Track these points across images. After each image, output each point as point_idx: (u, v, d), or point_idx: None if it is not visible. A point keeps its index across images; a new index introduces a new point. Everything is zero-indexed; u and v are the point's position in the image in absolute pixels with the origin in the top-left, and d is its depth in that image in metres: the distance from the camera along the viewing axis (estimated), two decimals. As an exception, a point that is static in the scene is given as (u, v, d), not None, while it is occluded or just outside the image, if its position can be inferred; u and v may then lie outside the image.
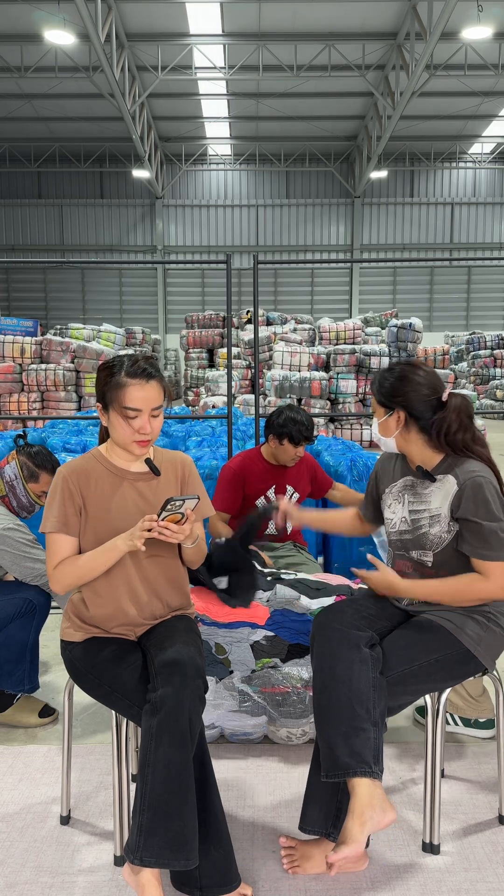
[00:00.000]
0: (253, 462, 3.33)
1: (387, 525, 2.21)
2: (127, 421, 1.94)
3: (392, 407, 2.09)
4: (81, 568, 1.94)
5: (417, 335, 11.82)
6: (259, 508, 2.96)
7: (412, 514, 2.10)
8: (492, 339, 17.62)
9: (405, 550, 2.13)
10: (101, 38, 12.62)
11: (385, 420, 2.11)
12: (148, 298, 24.00)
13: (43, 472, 2.79)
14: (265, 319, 16.12)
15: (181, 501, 1.83)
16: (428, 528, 2.06)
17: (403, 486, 2.16)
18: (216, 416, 5.16)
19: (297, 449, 3.20)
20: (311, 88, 17.42)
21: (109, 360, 2.00)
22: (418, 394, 2.05)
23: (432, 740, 2.00)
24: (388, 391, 2.09)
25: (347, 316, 22.05)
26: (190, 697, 1.80)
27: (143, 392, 1.93)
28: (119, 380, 1.93)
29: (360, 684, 1.85)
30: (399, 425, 2.09)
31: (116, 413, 1.94)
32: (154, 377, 1.95)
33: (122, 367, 1.94)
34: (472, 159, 23.58)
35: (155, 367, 1.98)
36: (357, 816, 1.75)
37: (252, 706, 2.49)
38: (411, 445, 2.11)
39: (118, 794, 1.96)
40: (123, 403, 1.93)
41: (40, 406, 11.82)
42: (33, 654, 2.68)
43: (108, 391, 1.95)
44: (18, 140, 21.74)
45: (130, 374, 1.93)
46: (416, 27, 13.66)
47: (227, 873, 1.83)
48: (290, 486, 3.33)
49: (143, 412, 1.94)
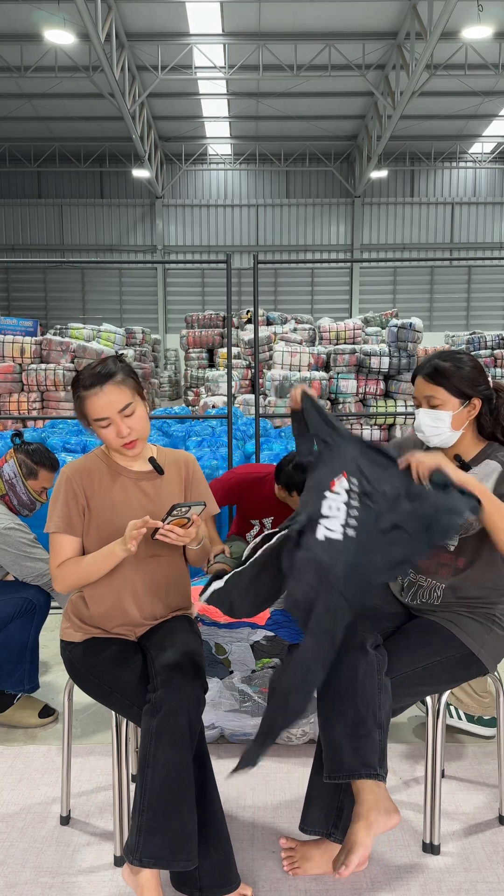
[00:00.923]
0: (262, 487, 3.13)
1: None
2: (104, 430, 1.94)
3: (470, 397, 1.97)
4: (83, 570, 1.95)
5: (418, 335, 11.81)
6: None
7: None
8: (492, 339, 17.59)
9: None
10: (101, 38, 12.62)
11: (460, 412, 1.97)
12: (148, 298, 23.99)
13: (42, 469, 2.80)
14: (265, 319, 16.11)
15: (187, 507, 1.82)
16: None
17: None
18: (216, 416, 5.16)
19: (294, 498, 3.00)
20: (311, 88, 17.40)
21: (75, 374, 1.99)
22: (481, 381, 1.99)
23: (433, 741, 2.00)
24: (466, 380, 1.96)
25: (347, 316, 22.03)
26: (190, 698, 1.80)
27: (101, 399, 1.90)
28: (80, 394, 1.93)
29: (366, 686, 1.84)
30: (472, 416, 1.99)
31: (93, 426, 1.95)
32: (109, 379, 1.90)
33: (79, 382, 1.94)
34: (473, 159, 23.57)
35: (110, 367, 1.92)
36: (363, 820, 1.74)
37: (252, 706, 2.49)
38: (463, 436, 2.02)
39: (118, 795, 1.95)
40: (91, 416, 1.93)
41: (40, 406, 11.81)
42: (33, 654, 2.68)
43: (77, 408, 1.96)
44: (18, 140, 21.72)
45: (86, 385, 1.92)
46: (417, 27, 13.65)
47: (227, 874, 1.83)
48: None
49: (112, 418, 1.92)
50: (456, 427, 1.99)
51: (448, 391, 1.96)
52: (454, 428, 1.98)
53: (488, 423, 2.03)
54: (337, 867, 1.73)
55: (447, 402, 1.97)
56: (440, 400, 1.97)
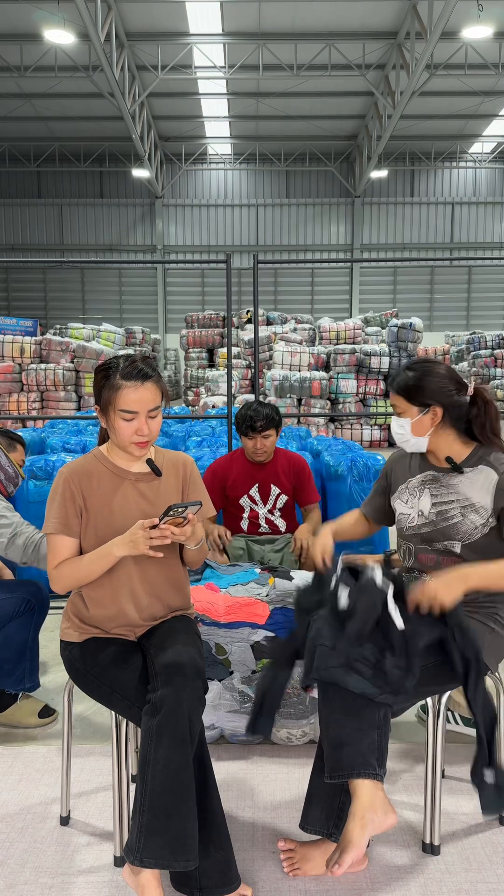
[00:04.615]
0: (234, 462, 3.34)
1: (402, 520, 2.19)
2: (124, 423, 1.93)
3: (428, 405, 2.07)
4: (79, 570, 1.95)
5: (418, 335, 11.82)
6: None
7: (436, 506, 2.10)
8: (492, 339, 17.60)
9: (428, 543, 2.12)
10: (100, 38, 12.61)
11: (419, 419, 2.08)
12: (148, 298, 23.99)
13: (17, 444, 2.91)
14: (265, 319, 16.12)
15: (183, 508, 1.83)
16: (461, 517, 2.06)
17: (423, 481, 2.15)
18: (216, 416, 5.16)
19: (252, 442, 3.20)
20: (312, 88, 17.40)
21: (106, 361, 1.99)
22: (448, 389, 2.07)
23: (433, 741, 1.99)
24: (423, 390, 2.07)
25: (347, 316, 22.03)
26: (190, 698, 1.80)
27: (138, 394, 1.92)
28: (114, 382, 1.92)
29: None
30: (435, 423, 2.08)
31: (114, 415, 1.94)
32: (150, 378, 1.94)
33: (117, 369, 1.93)
34: (473, 159, 23.57)
35: (152, 367, 1.97)
36: (358, 819, 1.74)
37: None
38: (441, 440, 2.11)
39: (118, 795, 1.95)
40: (119, 406, 1.92)
41: (40, 406, 11.81)
42: (33, 653, 2.68)
43: (105, 393, 1.94)
44: (18, 140, 21.73)
45: (125, 375, 1.92)
46: (417, 27, 13.65)
47: (227, 874, 1.83)
48: (273, 485, 3.30)
49: (140, 414, 1.93)
50: (417, 433, 2.10)
51: (407, 401, 2.09)
52: (415, 434, 2.10)
53: (461, 427, 2.09)
54: (330, 866, 1.73)
55: (407, 410, 2.10)
56: (401, 409, 2.12)
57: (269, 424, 3.19)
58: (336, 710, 1.85)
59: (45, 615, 2.70)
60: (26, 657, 2.66)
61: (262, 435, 3.20)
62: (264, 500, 3.31)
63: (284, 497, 3.31)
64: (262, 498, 3.31)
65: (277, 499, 3.31)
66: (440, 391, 2.07)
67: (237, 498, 3.31)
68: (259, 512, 3.30)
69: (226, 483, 3.31)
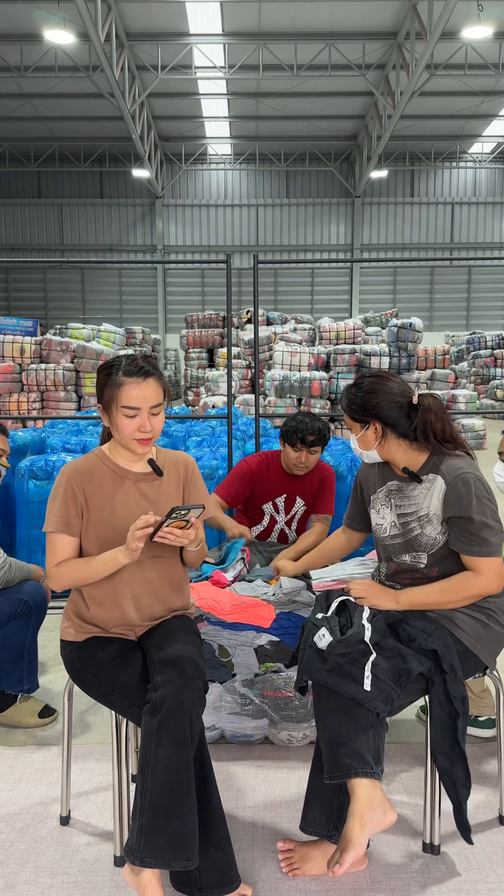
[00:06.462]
0: (271, 465, 3.22)
1: (377, 531, 2.21)
2: (127, 420, 1.94)
3: (367, 421, 2.12)
4: (80, 572, 1.95)
5: (418, 335, 11.81)
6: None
7: (401, 517, 2.12)
8: (492, 339, 17.61)
9: (398, 554, 2.14)
10: (101, 38, 12.61)
11: (363, 434, 2.14)
12: (148, 298, 23.99)
13: (1, 433, 2.89)
14: (265, 319, 16.11)
15: (186, 510, 1.83)
16: (420, 530, 2.07)
17: (388, 492, 2.17)
18: (216, 416, 5.16)
19: (297, 454, 3.05)
20: (312, 88, 17.40)
21: (108, 360, 2.01)
22: (390, 402, 2.10)
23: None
24: (360, 406, 2.13)
25: (347, 316, 22.03)
26: (190, 697, 1.80)
27: (140, 390, 1.93)
28: (116, 379, 1.94)
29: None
30: (377, 436, 2.13)
31: (116, 412, 1.94)
32: (151, 375, 1.96)
33: (119, 367, 1.95)
34: (473, 159, 23.57)
35: (153, 365, 1.99)
36: (357, 818, 1.75)
37: (253, 709, 2.49)
38: (394, 452, 2.13)
39: (118, 795, 1.95)
40: (122, 402, 1.93)
41: (40, 406, 11.80)
42: (31, 654, 2.68)
43: (107, 391, 1.96)
44: (18, 140, 21.72)
45: (127, 372, 1.93)
46: (417, 27, 13.65)
47: (227, 873, 1.83)
48: (300, 497, 3.20)
49: (142, 410, 1.94)
50: (364, 448, 2.17)
51: (350, 417, 2.19)
52: (363, 448, 2.17)
53: (408, 439, 2.11)
54: (331, 865, 1.73)
55: (352, 426, 2.19)
56: (348, 425, 2.21)
57: (319, 441, 3.05)
58: (331, 711, 1.86)
59: (44, 616, 2.70)
60: (25, 658, 2.67)
61: (310, 450, 3.06)
62: (287, 511, 3.22)
63: (304, 509, 3.22)
64: (285, 508, 3.22)
65: (298, 511, 3.23)
66: (376, 406, 2.10)
67: (261, 503, 3.21)
68: (277, 521, 3.23)
69: (256, 485, 3.20)
